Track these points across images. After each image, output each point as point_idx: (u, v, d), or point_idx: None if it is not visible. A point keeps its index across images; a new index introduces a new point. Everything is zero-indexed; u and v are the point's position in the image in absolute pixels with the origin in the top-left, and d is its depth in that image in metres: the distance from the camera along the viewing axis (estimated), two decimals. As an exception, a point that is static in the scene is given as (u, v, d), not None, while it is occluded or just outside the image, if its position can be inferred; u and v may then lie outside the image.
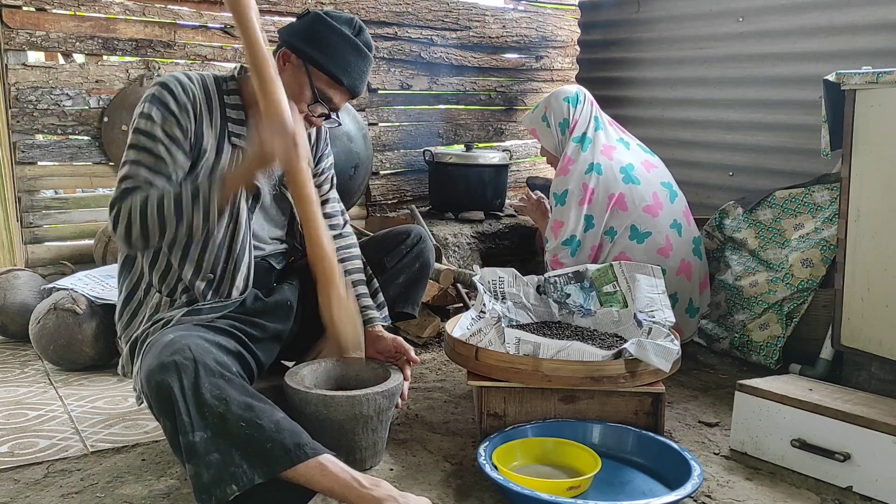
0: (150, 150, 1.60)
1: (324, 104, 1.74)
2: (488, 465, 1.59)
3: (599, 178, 2.43)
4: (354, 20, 1.77)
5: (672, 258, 2.44)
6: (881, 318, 1.99)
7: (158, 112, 1.61)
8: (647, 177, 2.50)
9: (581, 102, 2.59)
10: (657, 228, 2.44)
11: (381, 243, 2.11)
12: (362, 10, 3.73)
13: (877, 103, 1.99)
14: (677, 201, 2.55)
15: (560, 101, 2.61)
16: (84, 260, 3.16)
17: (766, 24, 3.02)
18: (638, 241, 2.42)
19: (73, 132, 3.13)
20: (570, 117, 2.57)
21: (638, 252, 2.41)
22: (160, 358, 1.42)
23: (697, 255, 2.55)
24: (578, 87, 2.68)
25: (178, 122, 1.62)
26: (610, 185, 2.43)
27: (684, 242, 2.50)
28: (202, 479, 1.38)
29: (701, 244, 2.59)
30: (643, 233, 2.42)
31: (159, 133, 1.60)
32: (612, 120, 2.66)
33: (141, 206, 1.54)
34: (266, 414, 1.42)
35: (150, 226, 1.55)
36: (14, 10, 2.96)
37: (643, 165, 2.53)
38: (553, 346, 1.86)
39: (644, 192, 2.45)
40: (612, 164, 2.47)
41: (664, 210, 2.47)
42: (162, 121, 1.60)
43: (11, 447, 1.87)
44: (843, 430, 1.69)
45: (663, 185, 2.53)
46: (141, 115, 1.62)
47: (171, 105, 1.62)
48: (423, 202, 4.00)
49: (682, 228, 2.51)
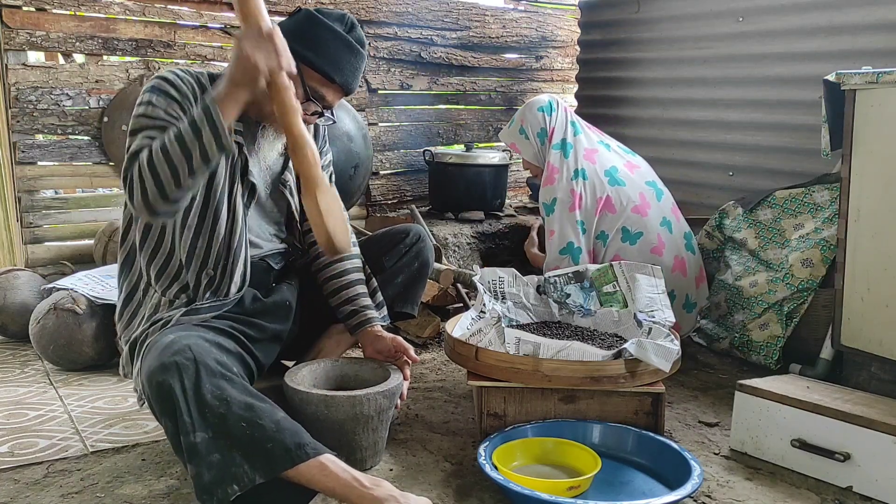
0: (153, 126, 1.56)
1: (317, 102, 1.73)
2: (488, 465, 1.59)
3: (585, 182, 2.46)
4: (346, 17, 1.75)
5: (666, 256, 2.46)
6: (881, 318, 1.99)
7: (160, 98, 1.60)
8: (631, 178, 2.53)
9: (555, 110, 2.62)
10: (648, 228, 2.45)
11: (380, 242, 2.10)
12: (362, 10, 3.73)
13: (877, 103, 1.99)
14: (664, 199, 2.57)
15: (534, 111, 2.64)
16: (84, 260, 3.16)
17: (766, 24, 3.02)
18: (630, 243, 2.43)
19: (73, 132, 3.13)
20: (547, 125, 2.60)
21: (632, 253, 2.42)
22: (161, 359, 1.42)
23: (690, 249, 2.57)
24: (550, 95, 2.72)
25: (181, 105, 1.60)
26: (596, 188, 2.46)
27: (676, 239, 2.52)
28: (203, 479, 1.38)
29: (692, 238, 2.61)
30: (635, 233, 2.44)
31: (162, 114, 1.58)
32: (589, 124, 2.70)
33: (147, 159, 1.49)
34: (267, 414, 1.42)
35: (163, 174, 1.47)
36: (14, 10, 2.96)
37: (626, 167, 2.56)
38: (553, 346, 1.86)
39: (630, 192, 2.48)
40: (596, 167, 2.50)
41: (652, 209, 2.49)
42: (165, 105, 1.59)
43: (11, 447, 1.87)
44: (843, 430, 1.69)
45: (648, 184, 2.56)
46: (141, 103, 1.61)
47: (171, 92, 1.61)
48: (423, 202, 4.00)
49: (672, 225, 2.52)
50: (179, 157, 1.46)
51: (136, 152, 1.53)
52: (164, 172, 1.47)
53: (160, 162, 1.47)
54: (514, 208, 3.97)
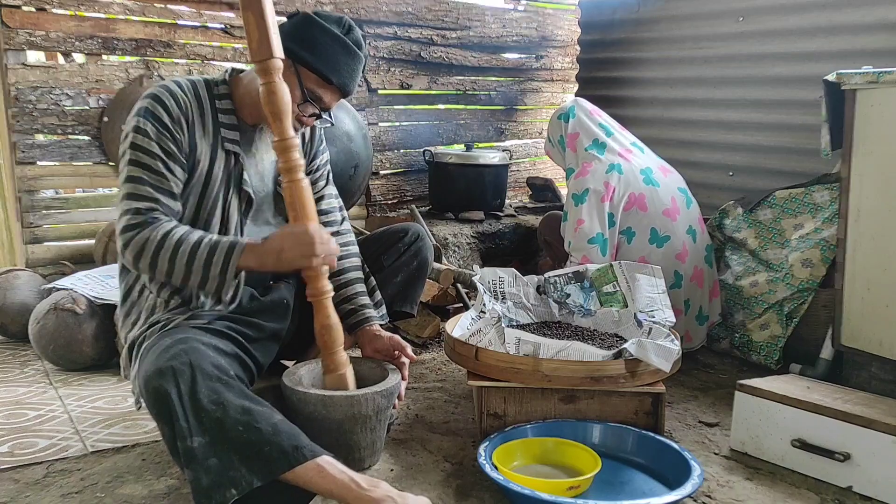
0: (149, 168, 1.61)
1: (314, 104, 1.73)
2: (488, 465, 1.59)
3: (621, 177, 2.45)
4: (344, 19, 1.75)
5: (687, 264, 2.46)
6: (881, 318, 1.99)
7: (154, 127, 1.62)
8: (664, 181, 2.52)
9: (574, 116, 2.63)
10: (676, 233, 2.45)
11: (379, 241, 2.10)
12: (362, 10, 3.73)
13: (877, 103, 1.99)
14: (692, 208, 2.57)
15: (555, 120, 2.70)
16: (84, 260, 3.16)
17: (766, 24, 3.02)
18: (658, 245, 2.43)
19: (73, 132, 3.13)
20: (565, 132, 2.64)
21: (657, 256, 2.42)
22: (157, 363, 1.43)
23: (708, 262, 2.57)
24: (575, 100, 2.72)
25: (173, 136, 1.63)
26: (631, 184, 2.45)
27: (698, 249, 2.52)
28: (201, 483, 1.37)
29: (712, 252, 2.61)
30: (663, 236, 2.43)
31: (156, 149, 1.61)
32: (622, 126, 2.69)
33: (156, 245, 1.56)
34: (264, 417, 1.42)
35: (160, 265, 1.58)
36: (14, 9, 2.96)
37: (660, 170, 2.56)
38: (553, 346, 1.86)
39: (663, 195, 2.47)
40: (632, 166, 2.49)
41: (681, 215, 2.49)
42: (157, 137, 1.61)
43: (11, 447, 1.87)
44: (843, 430, 1.69)
45: (680, 190, 2.56)
46: (136, 129, 1.62)
47: (164, 119, 1.63)
48: (423, 202, 4.00)
49: (697, 235, 2.53)
50: (181, 268, 1.58)
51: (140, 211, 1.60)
52: (162, 266, 1.58)
53: (163, 259, 1.57)
54: (514, 208, 3.97)
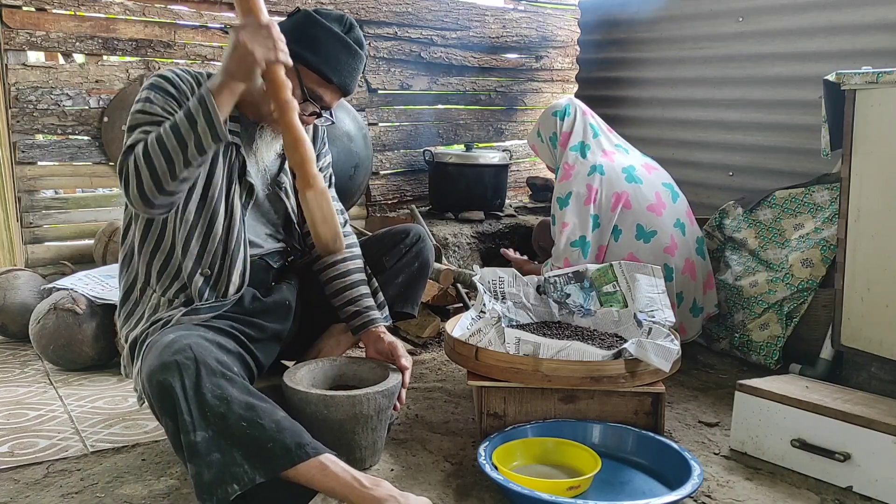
0: (150, 121, 1.57)
1: (314, 103, 1.73)
2: (488, 465, 1.59)
3: (602, 178, 2.46)
4: (345, 17, 1.75)
5: (677, 257, 2.46)
6: (881, 318, 1.99)
7: (158, 95, 1.61)
8: (648, 177, 2.52)
9: (571, 115, 2.63)
10: (662, 227, 2.45)
11: (380, 242, 2.10)
12: (362, 10, 3.73)
13: (877, 103, 1.99)
14: (679, 201, 2.56)
15: (549, 116, 2.68)
16: (84, 260, 3.16)
17: (766, 24, 3.02)
18: (644, 241, 2.43)
19: (73, 132, 3.13)
20: (559, 130, 2.62)
21: (645, 251, 2.41)
22: (161, 358, 1.43)
23: (700, 254, 2.56)
24: (570, 98, 2.72)
25: (178, 102, 1.61)
26: (614, 184, 2.46)
27: (688, 242, 2.52)
28: (203, 478, 1.38)
29: (703, 244, 2.60)
30: (649, 231, 2.43)
31: (159, 110, 1.59)
32: (609, 127, 2.69)
33: (143, 151, 1.50)
34: (267, 413, 1.42)
35: (158, 166, 1.47)
36: (14, 10, 2.96)
37: (644, 167, 2.56)
38: (553, 346, 1.86)
39: (647, 191, 2.47)
40: (614, 165, 2.50)
41: (667, 209, 2.48)
42: (163, 102, 1.60)
43: (11, 447, 1.87)
44: (842, 430, 1.69)
45: (664, 185, 2.56)
46: (139, 100, 1.62)
47: (169, 89, 1.62)
48: (423, 202, 4.00)
49: (686, 228, 2.52)
50: (175, 148, 1.47)
51: (131, 146, 1.54)
52: (160, 163, 1.48)
53: (156, 153, 1.48)
54: (514, 208, 3.97)
